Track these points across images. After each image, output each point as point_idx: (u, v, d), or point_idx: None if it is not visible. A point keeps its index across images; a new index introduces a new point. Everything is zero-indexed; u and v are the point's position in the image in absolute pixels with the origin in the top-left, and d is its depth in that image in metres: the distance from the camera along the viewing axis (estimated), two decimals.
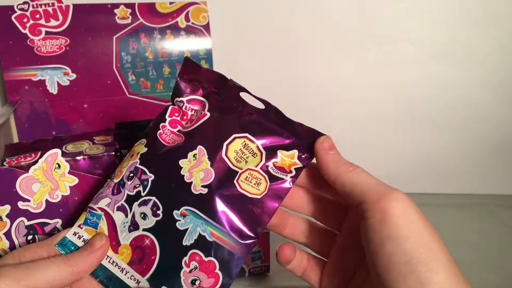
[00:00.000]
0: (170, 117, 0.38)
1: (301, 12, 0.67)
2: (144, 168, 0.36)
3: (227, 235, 0.34)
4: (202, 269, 0.33)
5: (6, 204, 0.40)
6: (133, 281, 0.34)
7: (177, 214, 0.34)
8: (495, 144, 0.72)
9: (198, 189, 0.35)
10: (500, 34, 0.68)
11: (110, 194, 0.36)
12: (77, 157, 0.45)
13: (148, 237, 0.34)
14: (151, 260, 0.34)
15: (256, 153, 0.36)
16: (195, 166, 0.35)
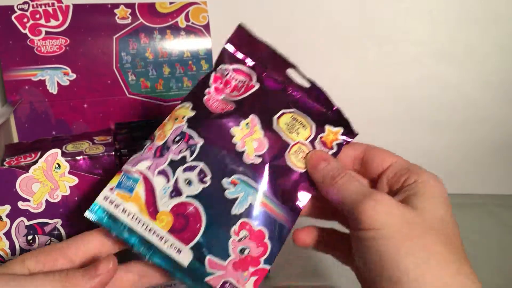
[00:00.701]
0: (214, 84, 0.37)
1: (301, 12, 0.67)
2: (192, 133, 0.34)
3: (278, 206, 0.34)
4: (252, 238, 0.33)
5: (6, 204, 0.40)
6: (174, 250, 0.32)
7: (227, 182, 0.33)
8: (495, 144, 0.72)
9: (251, 158, 0.34)
10: (500, 34, 0.68)
11: (151, 157, 0.34)
12: (77, 157, 0.45)
13: (192, 205, 0.32)
14: (196, 229, 0.32)
15: (306, 125, 0.36)
16: (248, 135, 0.35)
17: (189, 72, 0.65)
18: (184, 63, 0.64)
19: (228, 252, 0.32)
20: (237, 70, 0.38)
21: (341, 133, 0.37)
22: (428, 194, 0.31)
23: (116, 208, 0.32)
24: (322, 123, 0.37)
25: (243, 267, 0.32)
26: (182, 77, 0.65)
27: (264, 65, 0.38)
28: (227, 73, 0.38)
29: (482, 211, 0.69)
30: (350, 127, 0.37)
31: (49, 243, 0.42)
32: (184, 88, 0.65)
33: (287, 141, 0.35)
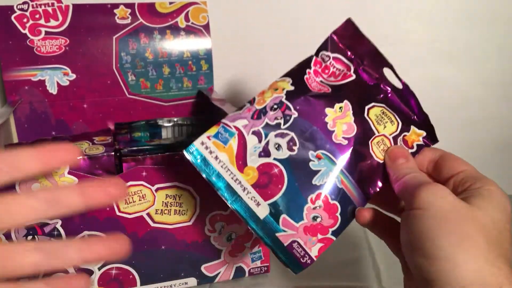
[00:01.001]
0: (314, 67, 0.40)
1: (301, 12, 0.67)
2: (289, 104, 0.37)
3: (354, 187, 0.37)
4: (325, 209, 0.36)
5: None
6: (253, 202, 0.35)
7: (313, 154, 0.36)
8: (495, 144, 0.72)
9: (339, 139, 0.37)
10: (500, 34, 0.68)
11: (249, 117, 0.37)
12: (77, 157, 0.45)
13: (278, 167, 0.36)
14: (277, 188, 0.35)
15: (394, 121, 0.39)
16: (339, 118, 0.38)
17: (189, 72, 0.65)
18: (184, 63, 0.64)
19: (302, 216, 0.35)
20: (336, 59, 0.41)
21: (423, 136, 0.39)
22: (488, 198, 0.31)
23: (210, 154, 0.36)
24: (408, 123, 0.39)
25: (313, 233, 0.35)
26: (182, 77, 0.65)
27: (362, 59, 0.40)
28: (328, 60, 0.41)
29: None
30: (433, 133, 0.39)
31: None
32: (184, 89, 0.65)
33: (373, 131, 0.38)
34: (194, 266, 0.47)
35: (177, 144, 0.52)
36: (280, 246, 0.35)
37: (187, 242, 0.46)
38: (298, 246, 0.35)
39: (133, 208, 0.43)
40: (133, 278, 0.46)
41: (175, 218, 0.44)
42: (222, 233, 0.47)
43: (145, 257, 0.45)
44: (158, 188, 0.43)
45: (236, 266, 0.49)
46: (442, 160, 0.37)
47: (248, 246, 0.48)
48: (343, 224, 0.36)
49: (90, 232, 0.42)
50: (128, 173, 0.42)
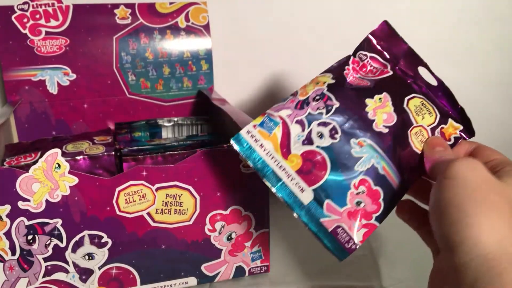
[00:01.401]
0: (352, 65, 0.42)
1: (301, 12, 0.67)
2: (331, 95, 0.39)
3: (396, 175, 0.37)
4: (369, 194, 0.36)
5: (6, 204, 0.40)
6: (298, 188, 0.36)
7: (355, 142, 0.37)
8: (495, 144, 0.71)
9: (379, 127, 0.38)
10: (500, 34, 0.68)
11: (293, 107, 0.39)
12: (77, 157, 0.45)
13: (320, 154, 0.37)
14: (320, 174, 0.36)
15: (432, 112, 0.40)
16: (379, 108, 0.39)
17: (189, 72, 0.65)
18: (184, 63, 0.64)
19: (345, 201, 0.36)
20: (373, 58, 0.42)
21: (460, 129, 0.40)
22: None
23: (256, 142, 0.38)
24: (446, 116, 0.40)
25: (356, 218, 0.36)
26: (182, 77, 0.65)
27: (398, 60, 0.42)
28: (365, 59, 0.42)
29: None
30: (470, 126, 0.40)
31: (49, 243, 0.42)
32: (184, 88, 0.65)
33: (412, 121, 0.39)
34: (194, 265, 0.47)
35: (177, 144, 0.52)
36: (324, 232, 0.36)
37: (187, 241, 0.46)
38: (343, 231, 0.35)
39: (133, 208, 0.43)
40: (133, 278, 0.46)
41: (175, 218, 0.44)
42: (222, 233, 0.47)
43: (145, 257, 0.45)
44: (158, 187, 0.43)
45: (236, 265, 0.49)
46: (477, 150, 0.38)
47: (248, 246, 0.49)
48: (386, 210, 0.37)
49: (91, 231, 0.43)
50: (128, 173, 0.42)
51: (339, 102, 0.38)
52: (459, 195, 0.30)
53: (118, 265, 0.45)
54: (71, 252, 0.43)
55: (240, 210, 0.47)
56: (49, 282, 0.44)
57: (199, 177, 0.44)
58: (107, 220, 0.43)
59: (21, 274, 0.43)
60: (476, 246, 0.28)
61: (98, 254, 0.44)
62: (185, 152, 0.45)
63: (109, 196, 0.42)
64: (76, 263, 0.43)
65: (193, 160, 0.43)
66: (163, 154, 0.45)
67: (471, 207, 0.29)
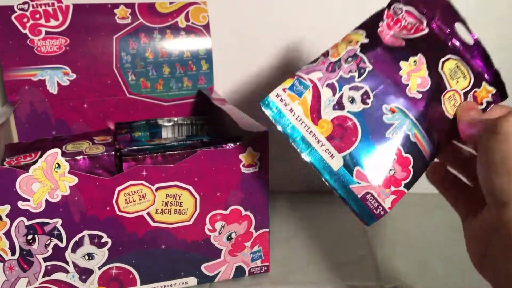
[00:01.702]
0: (387, 19, 0.40)
1: (301, 12, 0.67)
2: (364, 57, 0.38)
3: (426, 141, 0.37)
4: (399, 162, 0.36)
5: (6, 204, 0.40)
6: (328, 154, 0.36)
7: (387, 108, 0.37)
8: None
9: (413, 92, 0.37)
10: (500, 34, 0.68)
11: (324, 69, 0.38)
12: (77, 157, 0.45)
13: (351, 120, 0.36)
14: (351, 141, 0.36)
15: (467, 76, 0.39)
16: (414, 71, 0.38)
17: (189, 72, 0.65)
18: (184, 63, 0.64)
19: None
20: (409, 12, 0.40)
21: (493, 93, 0.39)
22: None
23: (285, 106, 0.37)
24: (480, 78, 0.39)
25: (386, 185, 0.35)
26: (182, 77, 0.65)
27: (434, 13, 0.40)
28: (400, 13, 0.40)
29: None
30: (504, 90, 0.39)
31: (49, 243, 0.42)
32: (184, 88, 0.65)
33: (445, 86, 0.38)
34: (194, 265, 0.47)
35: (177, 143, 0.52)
36: (353, 198, 0.36)
37: (187, 241, 0.46)
38: (372, 198, 0.35)
39: (133, 208, 0.43)
40: (133, 278, 0.46)
41: (175, 218, 0.44)
42: (222, 233, 0.47)
43: (145, 257, 0.45)
44: (158, 187, 0.43)
45: (236, 265, 0.49)
46: None
47: (248, 246, 0.49)
48: (415, 177, 0.36)
49: (91, 231, 0.43)
50: (128, 173, 0.42)
51: (372, 65, 0.38)
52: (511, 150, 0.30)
53: (118, 265, 0.45)
54: (71, 252, 0.43)
55: (240, 210, 0.47)
56: (49, 282, 0.44)
57: (199, 177, 0.44)
58: (107, 220, 0.43)
59: (21, 274, 0.43)
60: None
61: (98, 254, 0.44)
62: (185, 152, 0.45)
63: (109, 196, 0.42)
64: (76, 263, 0.43)
65: (193, 160, 0.43)
66: (163, 154, 0.45)
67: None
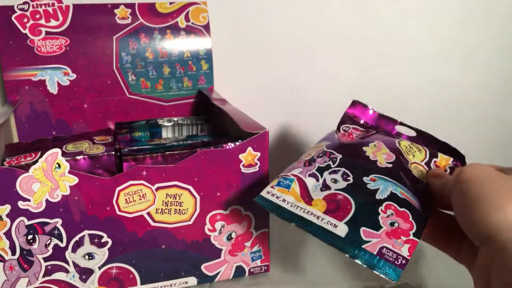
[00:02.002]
0: (339, 135, 0.47)
1: (301, 12, 0.67)
2: (332, 151, 0.44)
3: (414, 197, 0.39)
4: (398, 215, 0.38)
5: (6, 204, 0.40)
6: (330, 225, 0.38)
7: (367, 179, 0.40)
8: (495, 144, 0.72)
9: (383, 164, 0.42)
10: (500, 34, 0.68)
11: (302, 166, 0.43)
12: (77, 157, 0.45)
13: (341, 194, 0.39)
14: (347, 209, 0.38)
15: (421, 150, 0.44)
16: (377, 151, 0.43)
17: (189, 72, 0.65)
18: (184, 63, 0.64)
19: (379, 224, 0.37)
20: (355, 128, 0.48)
21: (451, 160, 0.44)
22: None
23: (277, 198, 0.40)
24: (434, 151, 0.44)
25: (396, 236, 0.37)
26: (182, 77, 0.65)
27: (378, 125, 0.49)
28: (348, 130, 0.48)
29: None
30: (460, 155, 0.44)
31: (49, 243, 0.42)
32: (184, 88, 0.65)
33: (406, 159, 0.43)
34: (194, 265, 0.47)
35: (177, 143, 0.52)
36: (371, 256, 0.36)
37: (187, 241, 0.46)
38: (388, 251, 0.36)
39: (133, 208, 0.43)
40: (133, 278, 0.46)
41: (175, 218, 0.44)
42: (222, 233, 0.47)
43: (145, 257, 0.45)
44: (158, 187, 0.43)
45: (236, 265, 0.49)
46: None
47: (248, 246, 0.49)
48: (420, 227, 0.38)
49: (91, 231, 0.43)
50: (128, 173, 0.42)
51: (341, 154, 0.43)
52: (481, 191, 0.32)
53: (118, 265, 0.45)
54: (71, 252, 0.43)
55: (240, 210, 0.47)
56: (49, 282, 0.44)
57: (199, 177, 0.44)
58: (107, 220, 0.43)
59: (21, 274, 0.43)
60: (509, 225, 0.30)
61: (98, 254, 0.44)
62: (185, 152, 0.45)
63: (109, 196, 0.42)
64: (76, 263, 0.43)
65: (193, 160, 0.43)
66: (163, 154, 0.45)
67: (496, 197, 0.32)
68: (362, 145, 0.44)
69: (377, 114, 0.49)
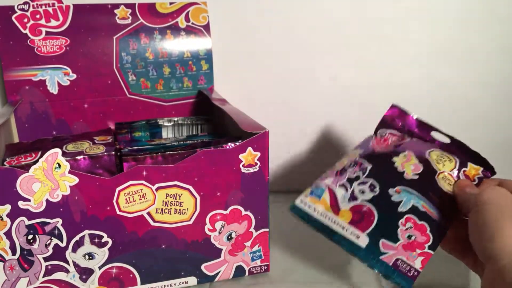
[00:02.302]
0: (375, 139, 0.51)
1: (301, 12, 0.67)
2: (363, 161, 0.47)
3: (435, 210, 0.42)
4: (416, 228, 0.41)
5: (6, 204, 0.40)
6: (353, 236, 0.42)
7: (392, 190, 0.44)
8: (495, 144, 0.72)
9: (410, 176, 0.45)
10: (500, 34, 0.68)
11: (333, 176, 0.47)
12: (77, 157, 0.45)
13: (366, 206, 0.43)
14: (370, 220, 0.42)
15: (452, 159, 0.46)
16: (406, 162, 0.46)
17: (189, 72, 0.65)
18: (184, 63, 0.64)
19: (397, 237, 0.41)
20: (392, 133, 0.51)
21: (481, 170, 0.46)
22: None
23: (309, 208, 0.45)
24: (464, 160, 0.47)
25: (411, 249, 0.41)
26: (183, 77, 0.65)
27: (412, 131, 0.51)
28: (385, 134, 0.51)
29: None
30: (490, 166, 0.46)
31: (50, 243, 0.42)
32: (184, 89, 0.65)
33: (435, 169, 0.45)
34: (194, 265, 0.47)
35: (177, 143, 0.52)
36: (387, 267, 0.40)
37: (187, 241, 0.46)
38: (402, 263, 0.40)
39: (133, 207, 0.43)
40: (133, 277, 0.46)
41: (175, 217, 0.44)
42: (222, 232, 0.47)
43: (146, 256, 0.45)
44: (158, 187, 0.43)
45: (236, 265, 0.49)
46: (501, 184, 0.43)
47: (248, 246, 0.49)
48: (436, 240, 0.41)
49: (91, 231, 0.43)
50: (128, 173, 0.42)
51: (371, 164, 0.46)
52: (493, 215, 0.36)
53: (118, 264, 0.45)
54: (71, 252, 0.43)
55: (240, 210, 0.47)
56: (50, 281, 0.44)
57: (199, 177, 0.44)
58: (107, 219, 0.43)
59: (22, 274, 0.43)
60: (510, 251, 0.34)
61: (98, 253, 0.44)
62: (185, 152, 0.45)
63: (109, 196, 0.42)
64: (76, 262, 0.43)
65: (193, 160, 0.43)
66: (163, 154, 0.45)
67: (504, 222, 0.35)
68: (393, 155, 0.47)
69: (416, 120, 0.51)
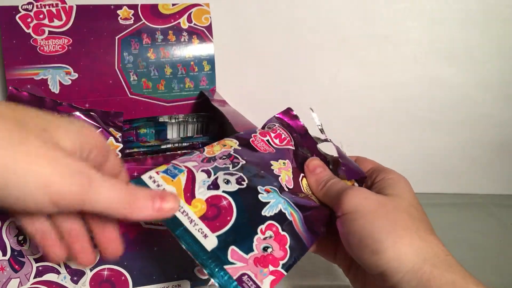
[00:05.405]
0: (259, 132, 0.41)
1: (302, 13, 0.64)
2: (237, 155, 0.37)
3: (301, 222, 0.35)
4: (276, 239, 0.33)
5: None
6: (200, 234, 0.32)
7: (261, 189, 0.35)
8: (495, 144, 0.70)
9: (283, 182, 0.37)
10: (500, 34, 0.65)
11: (199, 161, 0.36)
12: None
13: (226, 199, 0.33)
14: (226, 220, 0.33)
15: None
16: (283, 169, 0.39)
17: (191, 73, 0.61)
18: (186, 64, 0.61)
19: (252, 247, 0.32)
20: (281, 128, 0.42)
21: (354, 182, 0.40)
22: (395, 185, 0.34)
23: (157, 187, 0.33)
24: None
25: (264, 264, 0.32)
26: (184, 78, 0.61)
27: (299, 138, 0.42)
28: (273, 126, 0.42)
29: (482, 211, 0.66)
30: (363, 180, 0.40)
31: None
32: (185, 89, 0.61)
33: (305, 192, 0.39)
34: (187, 268, 0.44)
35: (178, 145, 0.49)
36: (229, 280, 0.31)
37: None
38: (249, 280, 0.31)
39: None
40: (125, 280, 0.42)
41: None
42: None
43: (137, 259, 0.42)
44: None
45: None
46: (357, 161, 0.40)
47: None
48: (292, 259, 0.33)
49: None
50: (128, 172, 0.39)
51: (246, 161, 0.37)
52: (366, 225, 0.31)
53: (109, 266, 0.41)
54: None
55: None
56: (41, 282, 0.40)
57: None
58: None
59: (12, 275, 0.39)
60: (401, 264, 0.29)
61: None
62: (186, 153, 0.42)
63: None
64: (67, 264, 0.40)
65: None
66: (164, 155, 0.42)
67: (381, 233, 0.30)
68: (271, 159, 0.39)
69: (303, 127, 0.43)
